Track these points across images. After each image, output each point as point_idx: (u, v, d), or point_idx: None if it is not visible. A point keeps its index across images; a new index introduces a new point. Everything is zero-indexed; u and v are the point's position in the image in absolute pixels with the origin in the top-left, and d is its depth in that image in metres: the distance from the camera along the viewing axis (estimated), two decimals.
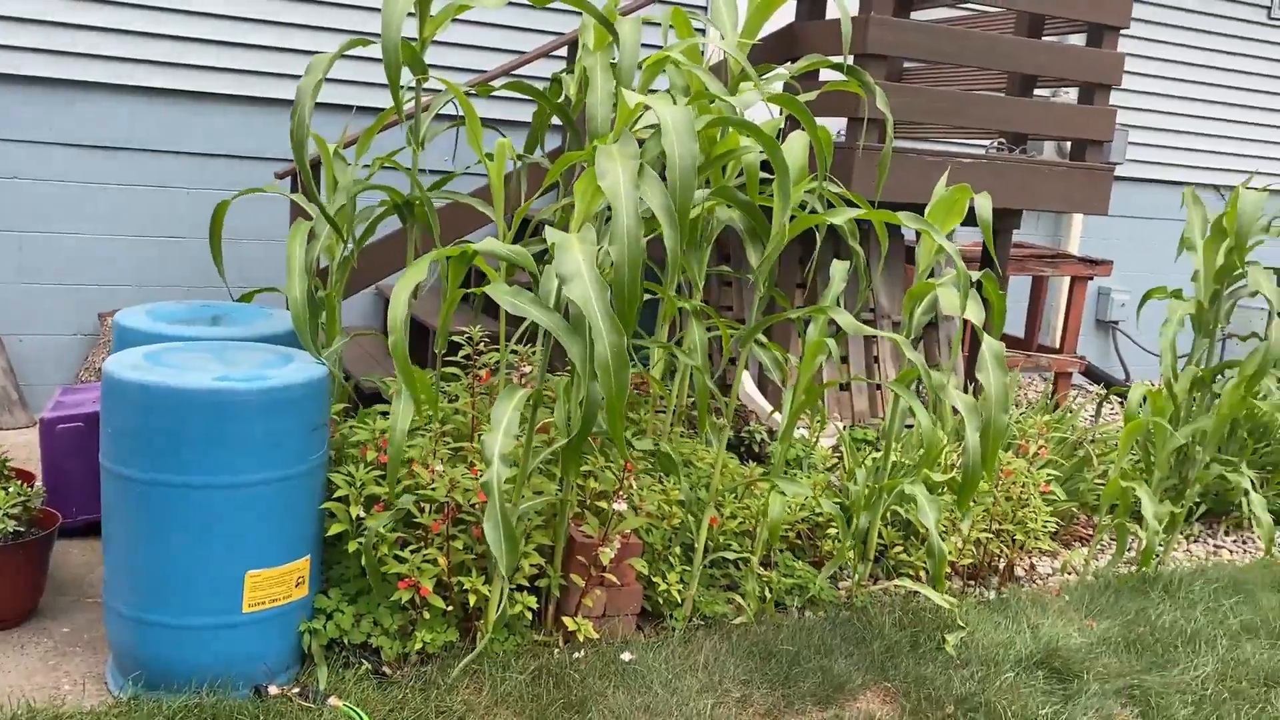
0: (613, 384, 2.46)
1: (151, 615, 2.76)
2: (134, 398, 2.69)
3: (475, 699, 2.91)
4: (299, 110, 2.95)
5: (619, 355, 2.45)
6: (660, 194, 2.51)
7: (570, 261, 2.46)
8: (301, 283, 2.98)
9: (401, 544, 3.08)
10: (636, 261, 2.45)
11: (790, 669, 3.23)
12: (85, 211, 5.04)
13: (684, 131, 2.54)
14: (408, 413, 2.71)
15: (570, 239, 2.50)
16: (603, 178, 2.46)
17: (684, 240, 2.53)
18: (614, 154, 2.50)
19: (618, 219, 2.44)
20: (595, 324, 2.44)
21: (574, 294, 2.44)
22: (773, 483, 3.38)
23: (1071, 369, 6.47)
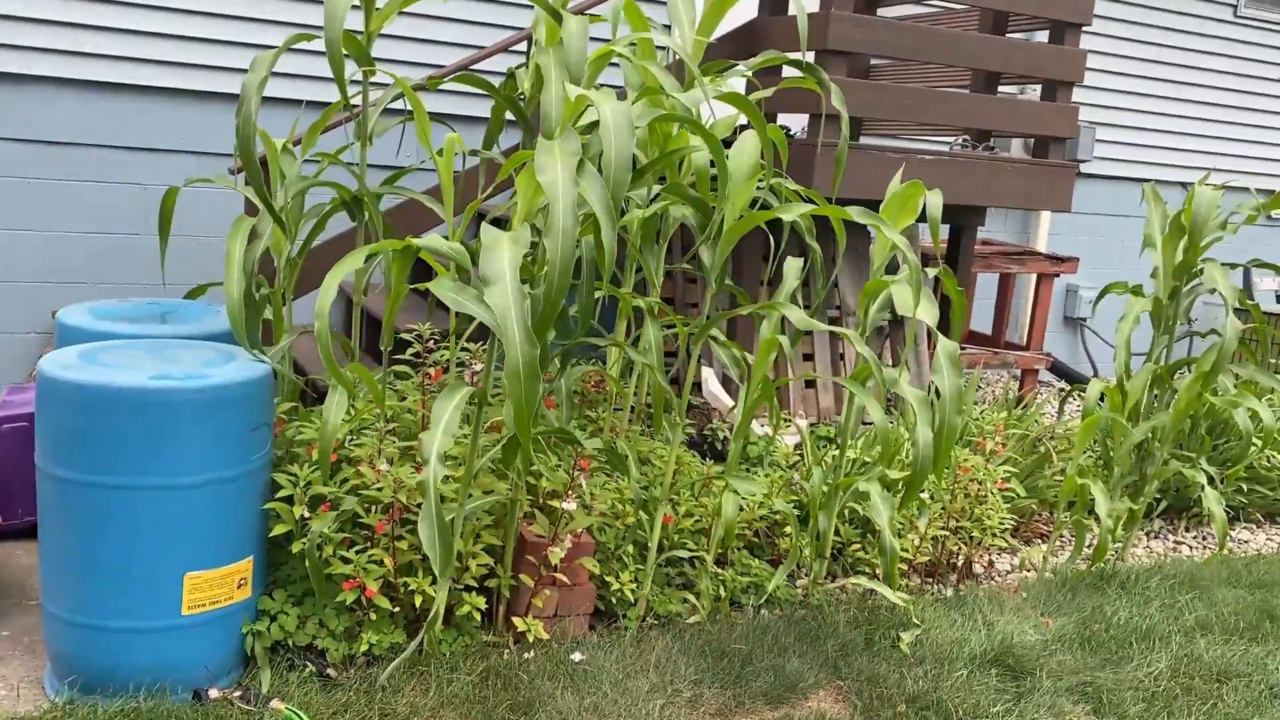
0: (523, 394, 2.43)
1: (88, 619, 2.72)
2: (68, 397, 2.64)
3: (421, 701, 2.87)
4: (244, 107, 2.90)
5: (530, 366, 2.42)
6: (599, 190, 2.48)
7: (495, 263, 2.43)
8: (240, 280, 2.93)
9: (349, 544, 3.04)
10: (568, 259, 2.42)
11: (742, 668, 3.20)
12: (36, 208, 4.96)
13: (622, 126, 2.51)
14: (340, 406, 2.67)
15: (501, 238, 2.47)
16: (542, 173, 2.43)
17: (634, 232, 2.49)
18: (554, 150, 2.47)
19: (554, 215, 2.40)
20: (509, 334, 2.41)
21: (493, 300, 2.41)
22: (727, 481, 3.36)
23: (1038, 366, 6.48)
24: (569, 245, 2.41)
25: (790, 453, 4.46)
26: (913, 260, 3.07)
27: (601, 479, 3.57)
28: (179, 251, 5.11)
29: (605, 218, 2.47)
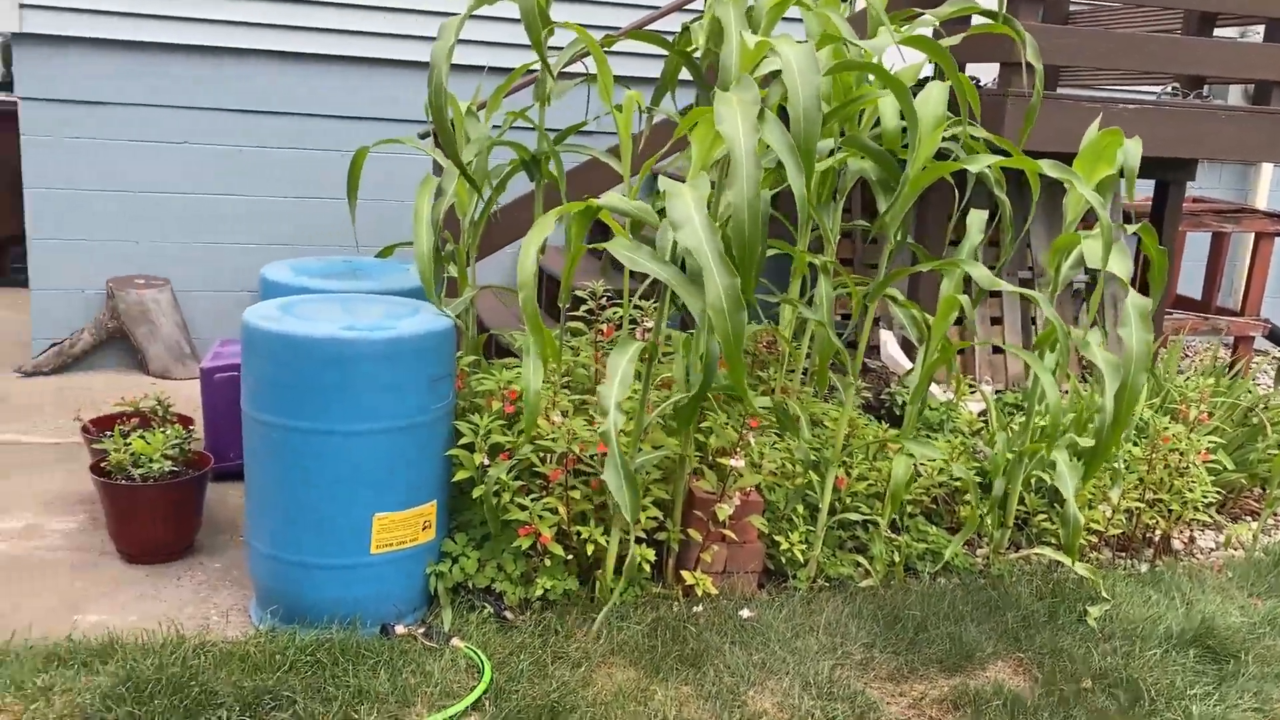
0: (729, 328, 2.41)
1: (286, 554, 2.91)
2: (267, 345, 2.82)
3: (592, 647, 2.94)
4: (435, 74, 3.00)
5: (734, 298, 2.39)
6: (781, 134, 2.42)
7: (680, 208, 2.42)
8: (428, 236, 3.04)
9: (525, 492, 3.13)
10: (755, 206, 2.38)
11: (916, 634, 3.12)
12: (244, 174, 5.31)
13: (806, 68, 2.44)
14: (539, 368, 2.72)
15: (680, 186, 2.46)
16: (720, 122, 2.40)
17: (811, 184, 2.43)
18: (731, 99, 2.43)
19: (735, 162, 2.37)
20: (707, 266, 2.39)
21: (686, 240, 2.40)
22: (901, 444, 3.26)
23: (1253, 332, 5.99)
24: (753, 192, 2.37)
25: (974, 419, 4.29)
26: (1103, 214, 2.87)
27: (771, 438, 3.54)
28: (372, 213, 5.38)
29: (792, 162, 2.41)
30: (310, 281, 3.52)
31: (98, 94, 5.04)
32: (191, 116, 5.18)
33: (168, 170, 5.20)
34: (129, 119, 5.10)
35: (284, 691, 2.60)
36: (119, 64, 5.03)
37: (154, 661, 2.67)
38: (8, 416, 4.55)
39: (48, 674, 2.61)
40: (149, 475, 3.26)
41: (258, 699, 2.57)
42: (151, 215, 5.23)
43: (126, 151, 5.14)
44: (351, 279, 3.64)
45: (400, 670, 2.74)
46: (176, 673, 2.62)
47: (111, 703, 2.50)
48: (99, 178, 5.12)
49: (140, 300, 5.10)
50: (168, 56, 5.08)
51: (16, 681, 2.57)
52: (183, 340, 5.23)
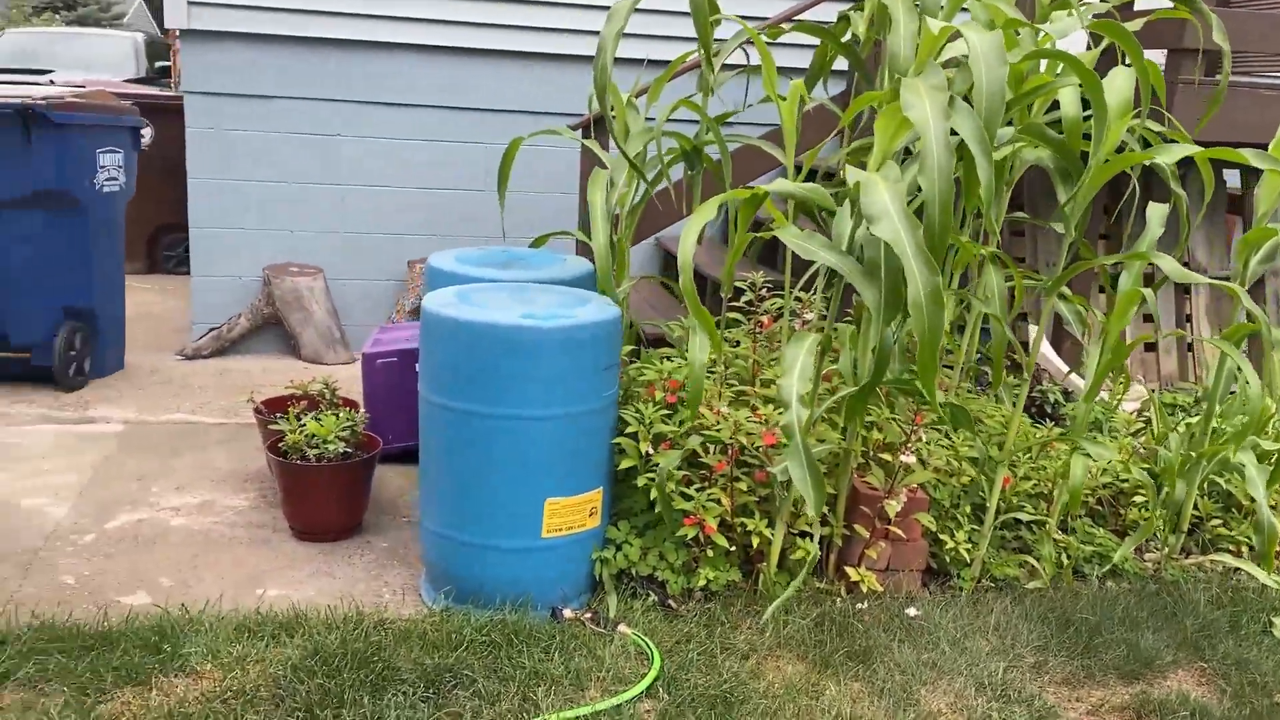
0: (926, 325, 2.37)
1: (460, 535, 2.97)
2: (448, 331, 2.88)
3: (758, 639, 2.93)
4: (601, 57, 3.02)
5: (935, 295, 2.35)
6: (972, 123, 2.38)
7: (877, 200, 2.39)
8: (604, 228, 3.07)
9: (687, 482, 3.14)
10: (947, 196, 2.34)
11: (1091, 639, 3.03)
12: (393, 165, 5.45)
13: (993, 57, 2.39)
14: (704, 347, 2.73)
15: (874, 177, 2.42)
16: (909, 109, 2.36)
17: (991, 172, 2.39)
18: (919, 87, 2.39)
19: (927, 152, 2.33)
20: (907, 263, 2.35)
21: (883, 232, 2.36)
22: (1075, 444, 3.16)
23: None
24: (946, 180, 2.33)
25: (1131, 419, 4.15)
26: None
27: (934, 435, 3.47)
28: (514, 204, 5.46)
29: (980, 151, 2.37)
30: (475, 270, 3.58)
31: (257, 88, 5.23)
32: (344, 110, 5.33)
33: (321, 162, 5.37)
34: (285, 112, 5.28)
35: (463, 670, 2.65)
36: (278, 59, 5.21)
37: (338, 636, 2.75)
38: (175, 398, 4.76)
39: (240, 644, 2.71)
40: (323, 456, 3.36)
41: (439, 676, 2.63)
42: (305, 205, 5.41)
43: (283, 143, 5.32)
44: (514, 268, 3.69)
45: (572, 654, 2.77)
46: (360, 648, 2.70)
47: (303, 674, 2.58)
48: (257, 169, 5.31)
49: (295, 287, 5.28)
50: (323, 51, 5.24)
51: (212, 650, 2.68)
52: (333, 326, 5.39)
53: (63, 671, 2.56)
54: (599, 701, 2.61)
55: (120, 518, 3.51)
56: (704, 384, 3.30)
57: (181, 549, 3.33)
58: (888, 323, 2.59)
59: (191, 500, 3.69)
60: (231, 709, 2.46)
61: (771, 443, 3.05)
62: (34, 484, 3.73)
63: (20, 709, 2.42)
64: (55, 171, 4.53)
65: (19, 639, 2.66)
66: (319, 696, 2.51)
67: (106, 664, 2.59)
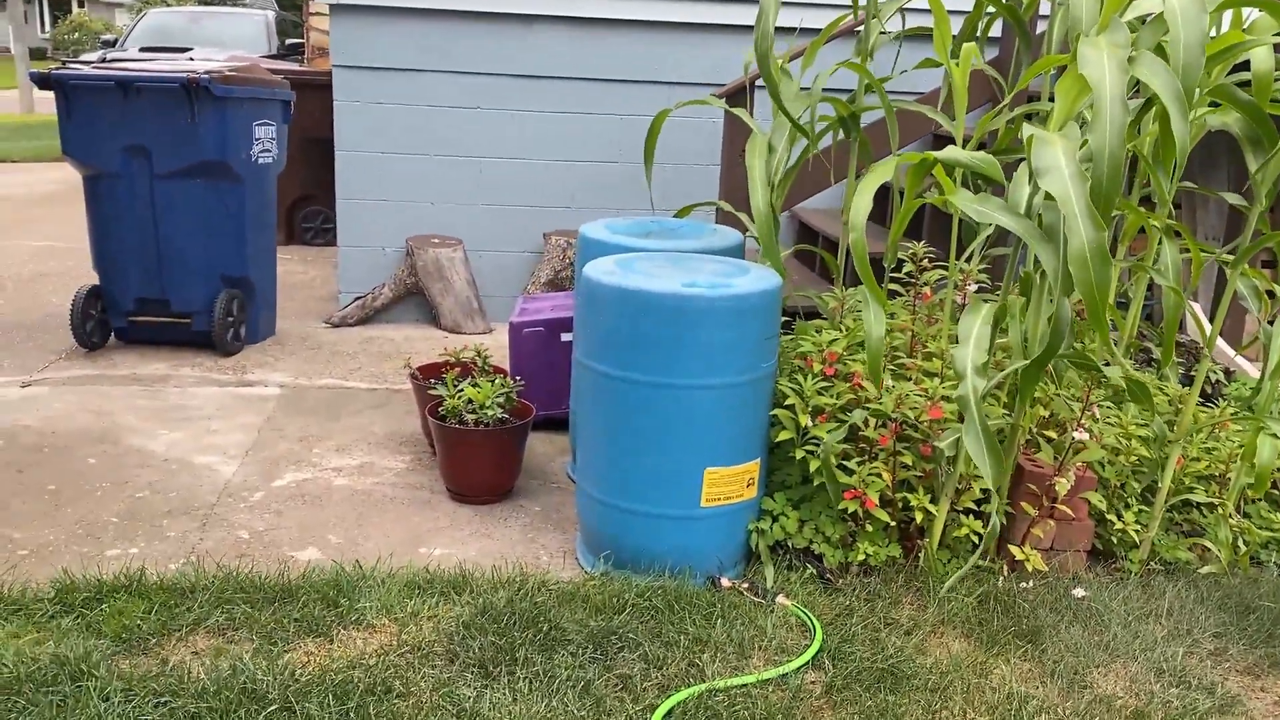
0: (1093, 280, 2.29)
1: (619, 500, 3.00)
2: (610, 299, 2.89)
3: (920, 616, 2.88)
4: (763, 22, 2.99)
5: (1099, 251, 2.27)
6: (1165, 75, 2.27)
7: (1049, 155, 2.32)
8: (764, 194, 3.05)
9: (844, 456, 3.10)
10: (1118, 155, 2.25)
11: (1274, 628, 2.90)
12: (529, 137, 5.50)
13: (1191, 12, 2.28)
14: (880, 318, 2.68)
15: (1050, 134, 2.35)
16: (1085, 65, 2.27)
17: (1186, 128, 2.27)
18: (1100, 42, 2.29)
19: (1099, 107, 2.24)
20: (1072, 218, 2.28)
21: (1051, 185, 2.29)
22: (1262, 423, 3.01)
23: None
24: (1117, 136, 2.24)
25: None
26: None
27: (1104, 412, 3.35)
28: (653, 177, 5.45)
29: (1175, 106, 2.26)
30: (626, 240, 3.58)
31: (401, 61, 5.33)
32: (482, 82, 5.40)
33: (461, 134, 5.45)
34: (427, 85, 5.37)
35: (628, 633, 2.68)
36: (421, 32, 5.30)
37: (504, 596, 2.81)
38: (327, 363, 4.91)
39: (412, 601, 2.79)
40: (481, 421, 3.43)
41: (605, 638, 2.66)
42: (446, 177, 5.50)
43: (425, 116, 5.42)
44: (666, 238, 3.69)
45: (734, 622, 2.78)
46: (526, 608, 2.75)
47: (474, 631, 2.65)
48: (400, 141, 5.43)
49: (436, 258, 5.38)
50: (464, 24, 5.31)
51: (386, 605, 2.76)
52: (472, 296, 5.49)
53: (249, 620, 2.67)
54: (765, 671, 2.60)
55: (286, 476, 3.65)
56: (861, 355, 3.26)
57: (346, 507, 3.44)
58: (1066, 292, 2.50)
59: (351, 461, 3.81)
60: (409, 662, 2.54)
61: (937, 416, 2.98)
62: (205, 443, 3.90)
63: (213, 654, 2.54)
64: (216, 143, 4.70)
65: (206, 588, 2.79)
66: (491, 653, 2.57)
67: (288, 615, 2.70)
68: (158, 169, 4.69)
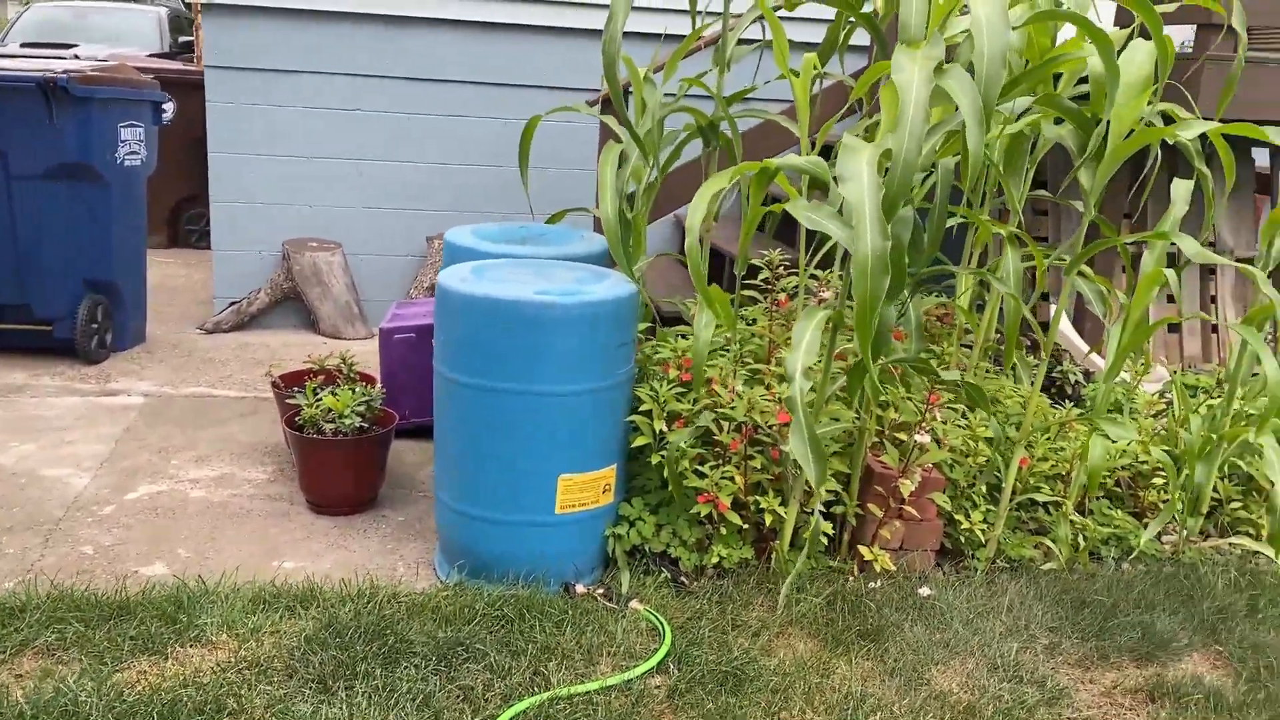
0: (868, 289, 2.35)
1: (474, 509, 2.99)
2: (462, 307, 2.88)
3: (770, 617, 2.93)
4: (611, 25, 2.99)
5: (880, 260, 2.34)
6: (967, 86, 2.35)
7: (852, 163, 2.38)
8: (614, 201, 3.06)
9: (700, 460, 3.13)
10: (914, 160, 2.32)
11: (1105, 621, 3.01)
12: (411, 141, 5.44)
13: (996, 21, 2.36)
14: (710, 324, 2.72)
15: (861, 144, 2.41)
16: (897, 73, 2.34)
17: (996, 144, 2.35)
18: (914, 52, 2.37)
19: (902, 113, 2.31)
20: (861, 226, 2.34)
21: (848, 192, 2.36)
22: (1095, 424, 3.13)
23: None
24: (915, 144, 2.31)
25: (1152, 400, 4.10)
26: None
27: (952, 415, 3.45)
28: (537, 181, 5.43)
29: (973, 120, 2.34)
30: (493, 246, 3.58)
31: (277, 62, 5.23)
32: (362, 84, 5.33)
33: (340, 137, 5.37)
34: (305, 86, 5.28)
35: (475, 644, 2.67)
36: (297, 32, 5.20)
37: (351, 609, 2.78)
38: (196, 371, 4.79)
39: (256, 616, 2.74)
40: (340, 430, 3.38)
41: (451, 650, 2.64)
42: (324, 180, 5.42)
43: (302, 118, 5.32)
44: (531, 244, 3.69)
45: (584, 629, 2.79)
46: (373, 621, 2.72)
47: (316, 646, 2.61)
48: (277, 143, 5.32)
49: (314, 262, 5.30)
50: (342, 25, 5.23)
51: (228, 621, 2.71)
52: (352, 301, 5.42)
53: (80, 640, 2.59)
54: (610, 676, 2.62)
55: (140, 489, 3.55)
56: (719, 362, 3.30)
57: (200, 520, 3.36)
58: (890, 300, 2.56)
59: (211, 473, 3.73)
60: (245, 679, 2.49)
61: (785, 421, 3.04)
62: (57, 455, 3.77)
63: (39, 676, 2.46)
64: (77, 145, 4.55)
65: (38, 607, 2.70)
66: (332, 668, 2.54)
67: (123, 633, 2.63)
68: (15, 171, 4.52)
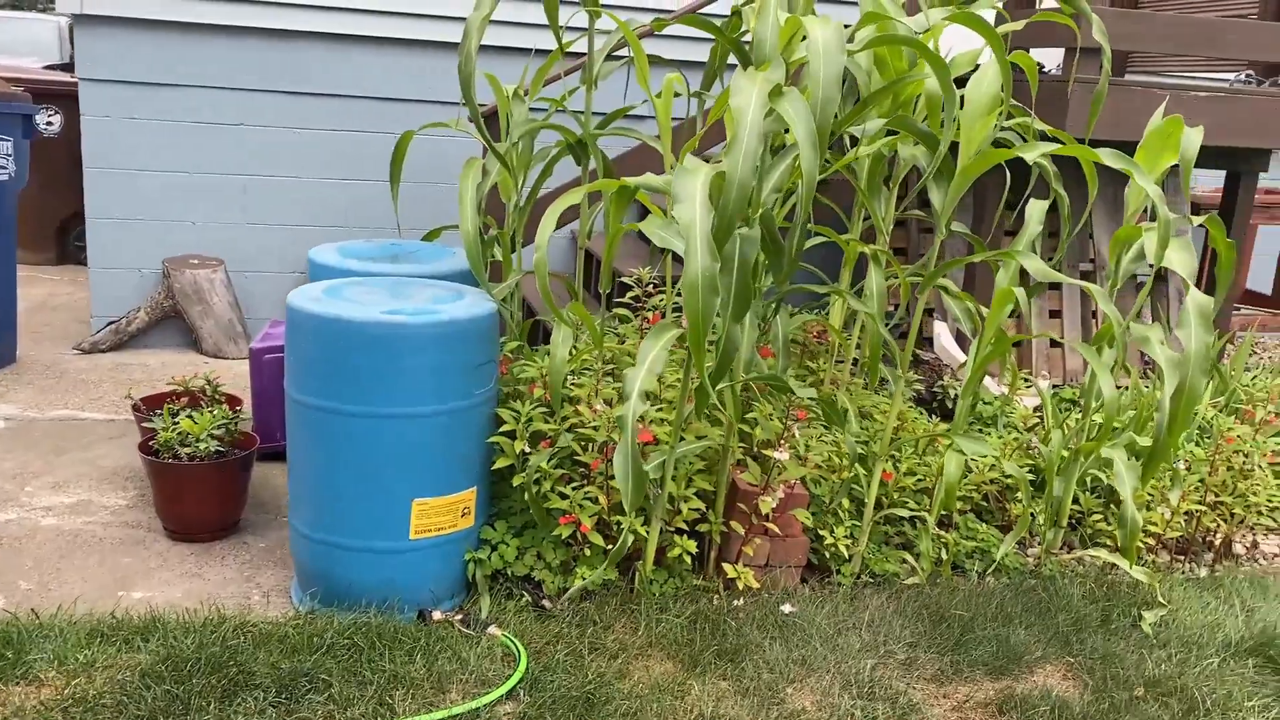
0: (699, 308, 2.36)
1: (326, 536, 2.92)
2: (310, 328, 2.82)
3: (630, 639, 2.90)
4: (466, 43, 2.97)
5: (710, 281, 2.35)
6: (802, 110, 2.36)
7: (687, 185, 2.38)
8: (473, 218, 3.02)
9: (567, 480, 3.11)
10: (747, 182, 2.33)
11: (962, 635, 3.05)
12: (297, 156, 5.34)
13: (831, 45, 2.38)
14: (566, 342, 2.70)
15: (699, 165, 2.42)
16: (735, 95, 2.35)
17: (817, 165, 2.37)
18: (754, 75, 2.38)
19: (738, 135, 2.32)
20: (692, 246, 2.35)
21: (680, 214, 2.36)
22: (952, 440, 3.18)
23: None
24: (749, 166, 2.32)
25: (1029, 415, 4.18)
26: (1161, 208, 2.76)
27: (819, 430, 3.47)
28: (419, 196, 5.37)
29: (807, 142, 2.35)
30: (357, 264, 3.52)
31: (155, 75, 5.10)
32: (246, 98, 5.21)
33: (223, 151, 5.25)
34: (185, 100, 5.15)
35: (320, 674, 2.60)
36: (176, 45, 5.08)
37: (194, 640, 2.69)
38: (66, 393, 4.63)
39: (90, 650, 2.64)
40: (195, 455, 3.29)
41: (294, 681, 2.57)
42: (207, 196, 5.29)
43: (183, 133, 5.19)
44: (398, 262, 3.64)
45: (436, 657, 2.73)
46: (216, 652, 2.64)
47: (150, 681, 2.52)
48: (156, 159, 5.19)
49: (195, 280, 5.16)
50: (222, 38, 5.12)
51: (59, 656, 2.60)
52: (235, 320, 5.29)
53: None
54: (458, 705, 2.57)
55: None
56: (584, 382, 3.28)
57: (47, 550, 3.23)
58: (735, 319, 2.57)
59: (66, 500, 3.59)
60: (71, 717, 2.39)
61: (647, 440, 3.02)
62: None
63: None
64: None
65: None
66: (164, 703, 2.45)
67: None
68: None
